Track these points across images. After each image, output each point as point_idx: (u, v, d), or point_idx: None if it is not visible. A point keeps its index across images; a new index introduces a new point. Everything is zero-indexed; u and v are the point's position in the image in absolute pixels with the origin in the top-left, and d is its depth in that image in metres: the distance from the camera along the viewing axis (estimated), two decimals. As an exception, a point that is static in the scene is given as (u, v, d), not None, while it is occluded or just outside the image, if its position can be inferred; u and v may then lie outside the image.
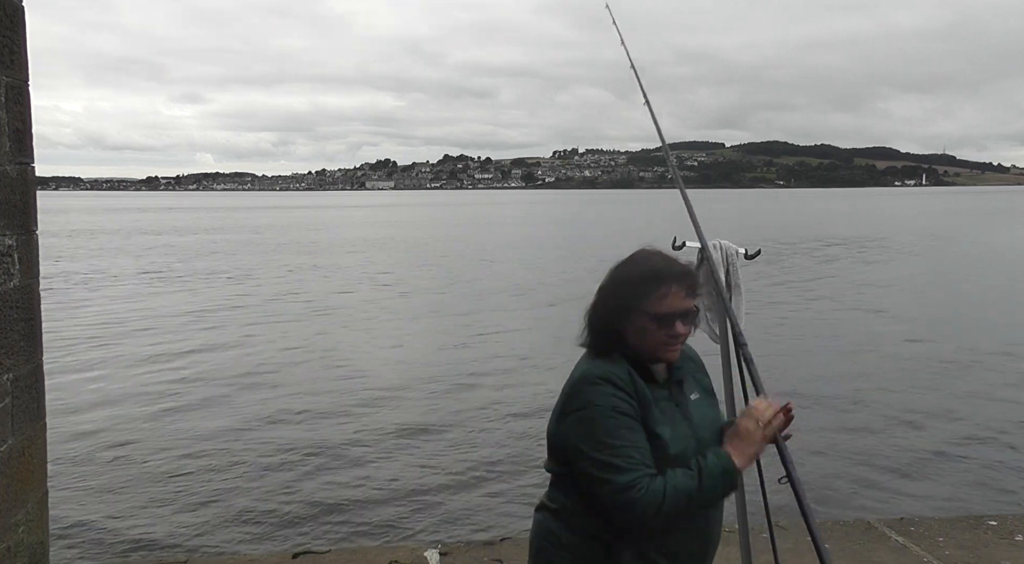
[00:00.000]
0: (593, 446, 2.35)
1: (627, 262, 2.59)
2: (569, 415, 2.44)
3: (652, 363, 2.51)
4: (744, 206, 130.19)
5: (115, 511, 8.34)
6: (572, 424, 2.42)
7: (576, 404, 2.43)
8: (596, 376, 2.43)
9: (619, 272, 2.58)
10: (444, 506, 8.49)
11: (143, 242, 52.22)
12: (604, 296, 2.57)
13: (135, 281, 29.55)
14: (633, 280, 2.51)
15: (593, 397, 2.39)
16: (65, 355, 15.64)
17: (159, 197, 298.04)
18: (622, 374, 2.43)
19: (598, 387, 2.40)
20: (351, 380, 14.04)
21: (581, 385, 2.44)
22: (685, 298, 2.49)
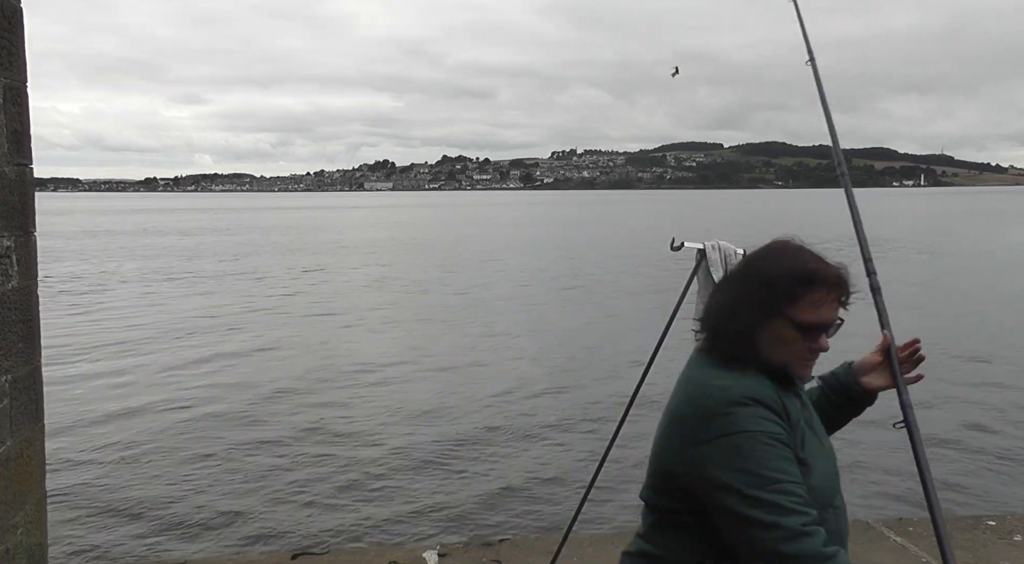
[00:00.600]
0: (749, 481, 1.92)
1: (772, 256, 2.19)
2: (710, 442, 1.99)
3: (783, 379, 2.14)
4: (750, 207, 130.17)
5: (114, 512, 8.34)
6: (715, 453, 1.98)
7: (720, 429, 1.98)
8: (744, 395, 2.02)
9: (764, 267, 2.17)
10: (443, 507, 8.48)
11: (150, 243, 52.19)
12: (742, 293, 2.16)
13: (142, 283, 29.53)
14: (782, 280, 2.10)
15: (744, 421, 1.97)
16: (67, 357, 15.63)
17: (158, 198, 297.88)
18: (771, 393, 2.05)
19: (747, 409, 2.00)
20: (348, 380, 14.04)
21: (725, 405, 2.00)
22: (837, 308, 2.15)
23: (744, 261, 2.26)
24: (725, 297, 2.21)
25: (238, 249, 46.56)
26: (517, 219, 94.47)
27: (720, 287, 2.29)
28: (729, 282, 2.25)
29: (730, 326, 2.13)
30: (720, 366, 2.10)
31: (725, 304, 2.19)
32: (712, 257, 4.54)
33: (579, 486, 7.74)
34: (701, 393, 2.07)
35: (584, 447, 10.23)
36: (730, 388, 2.02)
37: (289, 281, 30.05)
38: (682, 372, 2.22)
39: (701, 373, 2.14)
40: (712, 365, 2.12)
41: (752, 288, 2.13)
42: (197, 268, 34.95)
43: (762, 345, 2.10)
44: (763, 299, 2.10)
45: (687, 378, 2.18)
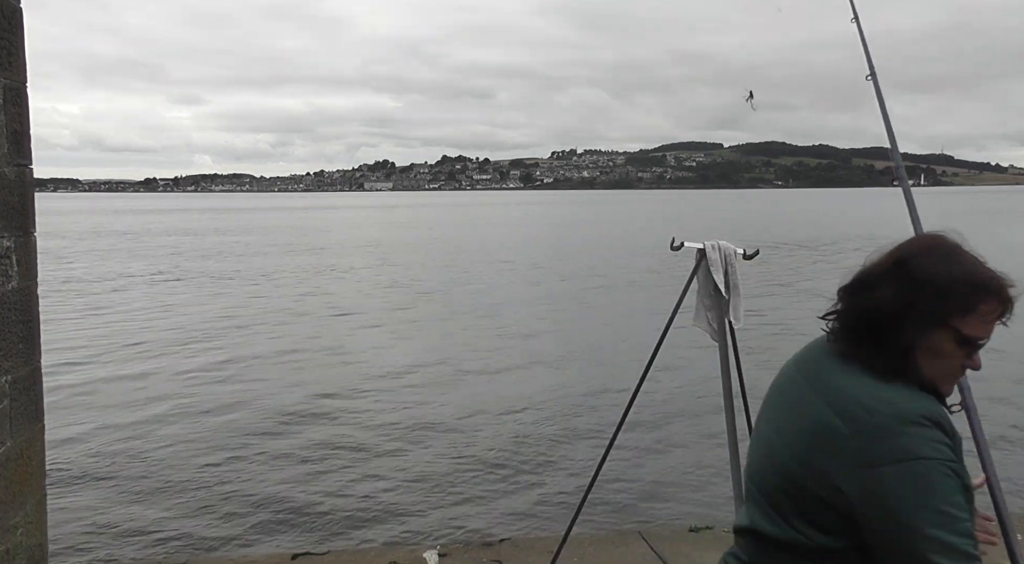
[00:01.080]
0: (933, 520, 1.69)
1: (936, 257, 1.89)
2: (881, 467, 1.73)
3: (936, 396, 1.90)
4: (750, 207, 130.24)
5: (114, 512, 8.34)
6: (890, 481, 1.72)
7: (895, 452, 1.73)
8: (919, 414, 1.77)
9: (930, 271, 1.86)
10: (443, 507, 8.49)
11: (158, 244, 52.18)
12: (906, 299, 1.86)
13: (153, 283, 29.54)
14: (957, 287, 1.83)
15: (922, 446, 1.73)
16: (78, 358, 15.63)
17: (158, 199, 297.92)
18: (945, 413, 1.84)
19: (925, 431, 1.75)
20: (349, 379, 14.04)
21: (897, 424, 1.75)
22: (997, 324, 1.89)
23: (897, 260, 1.91)
24: (881, 301, 1.87)
25: (245, 249, 46.56)
26: (518, 219, 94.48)
27: (868, 285, 1.92)
28: (882, 282, 1.90)
29: (890, 336, 1.85)
30: (873, 376, 1.85)
31: (883, 310, 1.86)
32: (712, 257, 4.55)
33: (579, 486, 7.75)
34: (861, 406, 1.80)
35: (584, 447, 10.23)
36: (899, 404, 1.78)
37: (302, 281, 30.05)
38: (803, 375, 1.98)
39: (852, 382, 1.86)
40: (863, 374, 1.86)
41: (920, 294, 1.84)
42: (207, 268, 34.94)
43: (919, 357, 1.85)
44: (933, 309, 1.83)
45: (830, 386, 1.89)
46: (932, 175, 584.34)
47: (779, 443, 1.95)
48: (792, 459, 1.89)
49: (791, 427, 1.93)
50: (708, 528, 6.60)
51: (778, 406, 2.04)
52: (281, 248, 47.96)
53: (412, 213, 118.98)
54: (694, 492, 8.82)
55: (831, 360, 1.95)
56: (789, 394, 2.01)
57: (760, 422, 2.10)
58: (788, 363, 2.11)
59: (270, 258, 40.53)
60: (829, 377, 1.91)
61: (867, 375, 1.86)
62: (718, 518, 7.18)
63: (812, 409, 1.89)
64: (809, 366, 2.00)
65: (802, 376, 1.99)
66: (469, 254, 42.26)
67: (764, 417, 2.09)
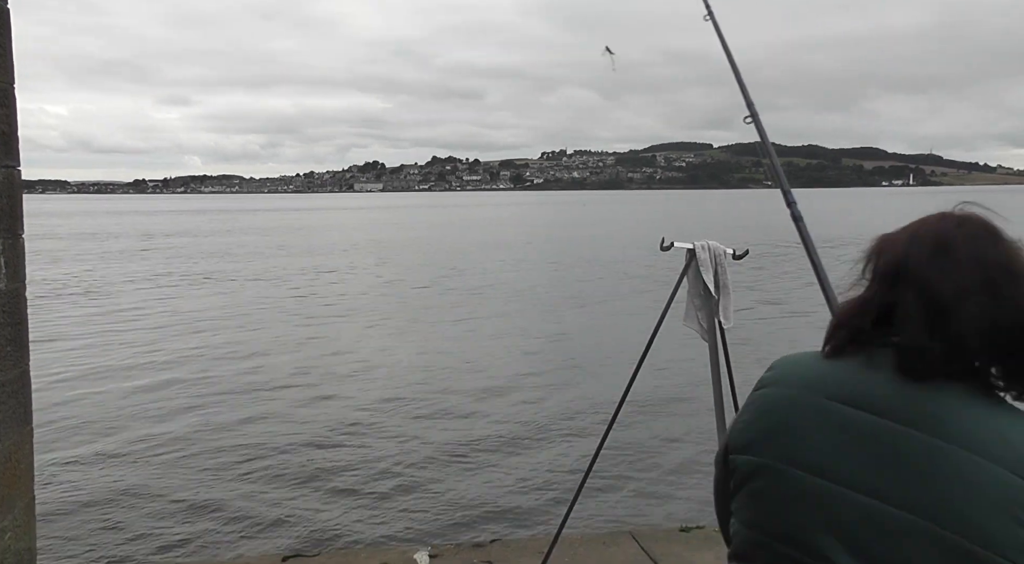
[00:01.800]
0: None
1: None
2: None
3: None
4: (740, 207, 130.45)
5: (103, 515, 8.31)
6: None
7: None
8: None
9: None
10: (434, 507, 8.48)
11: (155, 245, 52.03)
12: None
13: (153, 285, 29.45)
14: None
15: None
16: (58, 360, 15.59)
17: (148, 200, 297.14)
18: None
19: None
20: (340, 381, 14.02)
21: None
22: None
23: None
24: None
25: (243, 250, 46.45)
26: (509, 220, 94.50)
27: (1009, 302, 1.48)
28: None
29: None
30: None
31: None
32: (702, 257, 4.55)
33: (570, 486, 7.75)
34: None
35: (575, 447, 10.24)
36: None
37: (298, 282, 29.99)
38: (977, 423, 1.45)
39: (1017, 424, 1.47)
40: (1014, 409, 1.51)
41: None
42: (208, 269, 34.85)
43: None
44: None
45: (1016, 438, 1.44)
46: (921, 175, 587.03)
47: (964, 513, 1.41)
48: (985, 534, 1.39)
49: (974, 497, 1.41)
50: (699, 528, 6.61)
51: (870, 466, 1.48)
52: (287, 250, 47.84)
53: (404, 214, 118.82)
54: (685, 492, 8.83)
55: (994, 404, 1.49)
56: (893, 450, 1.47)
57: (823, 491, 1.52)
58: (814, 398, 1.58)
59: (274, 259, 40.43)
60: (1013, 424, 1.46)
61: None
62: (709, 518, 7.19)
63: (997, 468, 1.41)
64: (977, 411, 1.47)
65: (976, 424, 1.45)
66: (462, 255, 42.21)
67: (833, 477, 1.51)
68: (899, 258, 1.59)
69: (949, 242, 1.54)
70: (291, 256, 42.35)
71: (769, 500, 1.59)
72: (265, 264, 37.43)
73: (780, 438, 1.59)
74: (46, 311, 21.74)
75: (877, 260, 1.65)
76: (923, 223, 1.63)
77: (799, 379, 1.63)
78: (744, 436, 1.67)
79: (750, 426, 1.67)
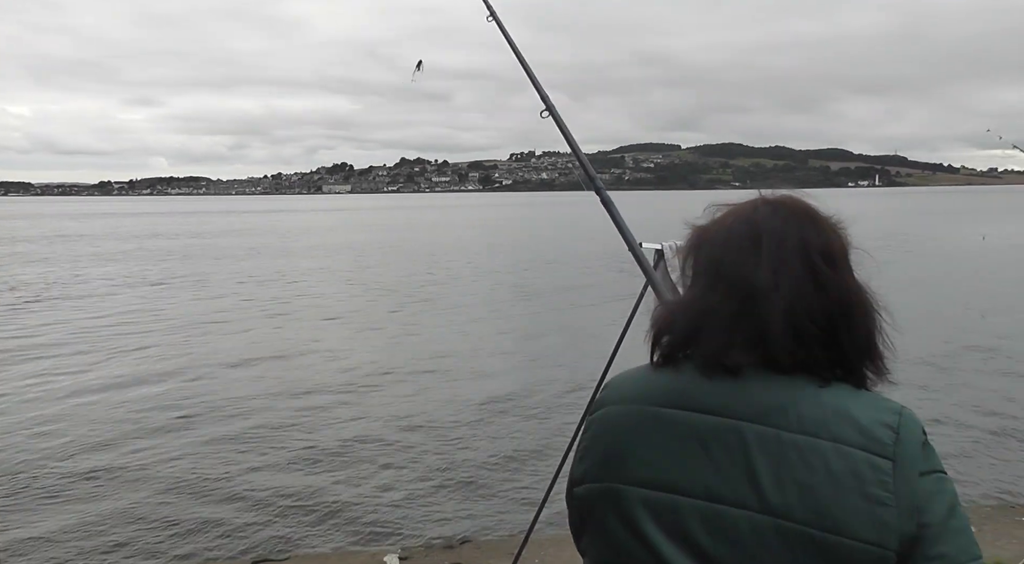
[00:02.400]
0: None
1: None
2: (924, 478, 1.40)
3: None
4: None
5: (68, 524, 8.22)
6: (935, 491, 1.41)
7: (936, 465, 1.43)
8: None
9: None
10: (404, 510, 8.46)
11: (128, 247, 51.52)
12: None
13: (130, 288, 29.15)
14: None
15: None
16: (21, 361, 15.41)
17: (114, 202, 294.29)
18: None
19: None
20: (305, 385, 13.94)
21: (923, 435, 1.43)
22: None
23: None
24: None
25: (220, 252, 46.10)
26: (479, 221, 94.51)
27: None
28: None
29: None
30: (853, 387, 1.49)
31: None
32: (670, 258, 4.56)
33: (540, 487, 7.75)
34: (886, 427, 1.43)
35: (544, 448, 10.24)
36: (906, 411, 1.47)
37: (265, 289, 29.80)
38: (814, 407, 1.41)
39: (846, 402, 1.46)
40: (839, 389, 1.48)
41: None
42: (189, 271, 34.54)
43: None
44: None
45: (822, 416, 1.41)
46: (887, 176, 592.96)
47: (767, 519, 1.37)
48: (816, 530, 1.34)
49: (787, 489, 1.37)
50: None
51: (708, 469, 1.43)
52: (261, 251, 47.51)
53: (374, 216, 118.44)
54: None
55: (771, 381, 1.44)
56: (721, 448, 1.43)
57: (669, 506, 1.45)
58: (638, 408, 1.52)
59: (250, 262, 40.15)
60: (800, 405, 1.41)
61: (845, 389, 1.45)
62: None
63: (814, 455, 1.37)
64: (718, 400, 1.45)
65: (723, 418, 1.44)
66: (433, 257, 42.13)
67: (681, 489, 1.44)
68: (716, 254, 1.53)
69: (765, 230, 1.50)
70: (266, 258, 42.09)
71: (611, 529, 1.50)
72: (237, 267, 37.19)
73: (615, 459, 1.52)
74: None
75: (696, 256, 1.59)
76: (737, 213, 1.57)
77: (631, 393, 1.56)
78: (581, 467, 1.59)
79: (587, 454, 1.59)
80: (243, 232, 71.07)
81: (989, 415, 11.57)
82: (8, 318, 21.44)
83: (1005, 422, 11.28)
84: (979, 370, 14.26)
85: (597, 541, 1.54)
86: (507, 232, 67.80)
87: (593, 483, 1.54)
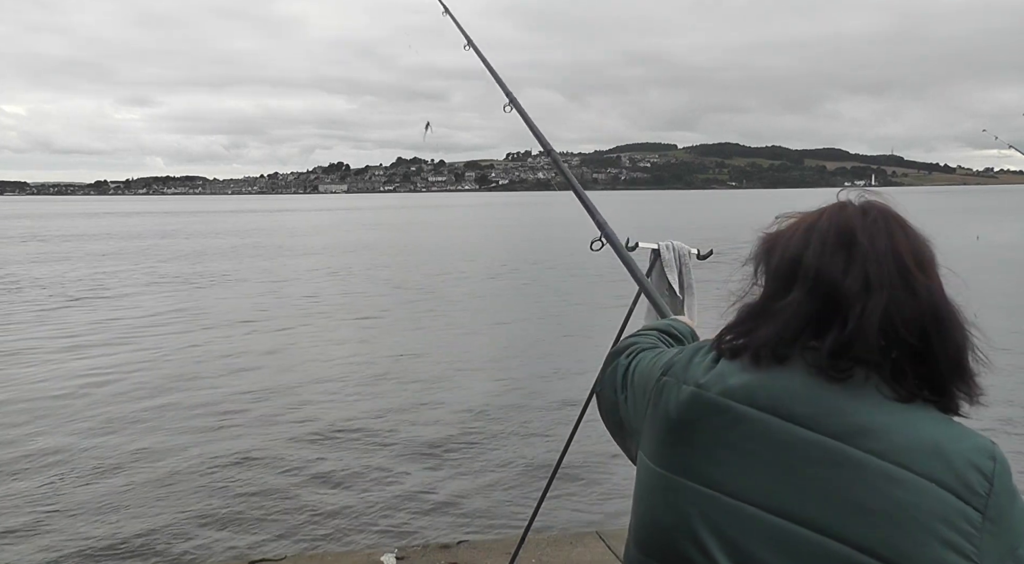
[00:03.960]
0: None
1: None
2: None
3: None
4: (705, 207, 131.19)
5: (59, 521, 8.20)
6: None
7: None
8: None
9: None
10: (400, 510, 8.45)
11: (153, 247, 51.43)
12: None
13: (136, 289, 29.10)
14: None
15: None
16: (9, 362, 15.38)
17: (110, 202, 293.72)
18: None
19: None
20: (297, 383, 13.93)
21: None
22: None
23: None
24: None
25: (242, 251, 46.04)
26: (476, 221, 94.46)
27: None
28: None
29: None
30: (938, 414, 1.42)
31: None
32: (666, 257, 4.57)
33: (537, 487, 7.76)
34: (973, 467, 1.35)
35: (540, 449, 10.24)
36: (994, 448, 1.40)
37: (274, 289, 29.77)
38: (904, 433, 1.33)
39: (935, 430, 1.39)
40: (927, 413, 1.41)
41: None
42: (212, 270, 34.51)
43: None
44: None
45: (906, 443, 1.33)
46: (883, 176, 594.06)
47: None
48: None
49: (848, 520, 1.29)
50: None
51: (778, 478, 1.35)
52: (267, 250, 47.46)
53: (373, 216, 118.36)
54: (651, 491, 8.85)
55: (868, 398, 1.36)
56: (801, 458, 1.34)
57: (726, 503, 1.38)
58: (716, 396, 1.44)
59: (274, 260, 40.11)
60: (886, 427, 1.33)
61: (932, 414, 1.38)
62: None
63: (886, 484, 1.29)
64: (809, 409, 1.36)
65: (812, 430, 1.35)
66: (432, 257, 42.13)
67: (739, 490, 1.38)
68: (795, 254, 1.46)
69: (854, 232, 1.43)
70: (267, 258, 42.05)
71: (666, 507, 1.46)
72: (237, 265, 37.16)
73: (680, 445, 1.45)
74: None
75: (769, 259, 1.52)
76: (821, 214, 1.50)
77: (709, 380, 1.46)
78: (648, 427, 1.55)
79: (651, 418, 1.54)
80: (256, 232, 70.95)
81: (987, 414, 11.57)
82: (54, 316, 21.42)
83: (1003, 420, 11.29)
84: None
85: (650, 506, 1.54)
86: (508, 232, 67.71)
87: (656, 465, 1.50)
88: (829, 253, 1.41)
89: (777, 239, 1.52)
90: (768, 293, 1.48)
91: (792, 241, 1.48)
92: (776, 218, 1.58)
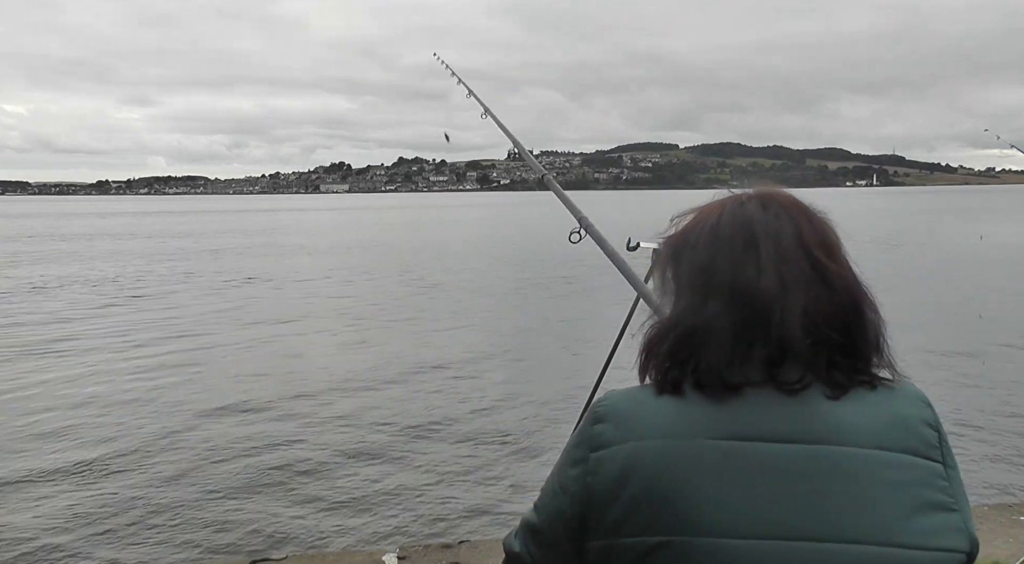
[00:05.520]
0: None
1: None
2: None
3: None
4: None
5: (58, 524, 8.19)
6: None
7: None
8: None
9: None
10: (402, 510, 8.46)
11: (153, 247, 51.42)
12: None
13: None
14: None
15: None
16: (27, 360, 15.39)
17: (112, 201, 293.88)
18: None
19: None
20: (300, 385, 13.92)
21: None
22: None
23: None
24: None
25: (269, 250, 46.02)
26: (480, 220, 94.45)
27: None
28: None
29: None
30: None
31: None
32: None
33: (537, 487, 7.74)
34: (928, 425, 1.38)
35: (541, 449, 10.24)
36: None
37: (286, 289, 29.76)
38: (869, 416, 1.32)
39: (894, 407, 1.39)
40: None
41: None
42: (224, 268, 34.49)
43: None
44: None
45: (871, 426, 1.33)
46: (884, 175, 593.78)
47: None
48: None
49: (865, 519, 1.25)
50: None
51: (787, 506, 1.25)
52: (276, 250, 47.44)
53: (375, 216, 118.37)
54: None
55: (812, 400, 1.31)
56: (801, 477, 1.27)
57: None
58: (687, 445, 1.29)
59: (279, 260, 40.11)
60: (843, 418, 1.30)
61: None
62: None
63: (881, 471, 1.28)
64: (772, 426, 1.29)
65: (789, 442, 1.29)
66: (435, 256, 42.12)
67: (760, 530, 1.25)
68: (704, 262, 1.37)
69: (759, 230, 1.36)
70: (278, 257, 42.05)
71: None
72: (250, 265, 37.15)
73: (669, 505, 1.27)
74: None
75: (677, 269, 1.42)
76: (721, 213, 1.41)
77: (665, 425, 1.31)
78: (610, 514, 1.32)
79: (613, 498, 1.31)
80: (273, 231, 70.95)
81: (986, 414, 11.57)
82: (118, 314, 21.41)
83: (1001, 421, 11.28)
84: (978, 369, 14.26)
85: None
86: (511, 232, 67.71)
87: (642, 537, 1.28)
88: (739, 257, 1.34)
89: (682, 244, 1.43)
90: (685, 307, 1.37)
91: (698, 247, 1.39)
92: (672, 220, 1.49)
